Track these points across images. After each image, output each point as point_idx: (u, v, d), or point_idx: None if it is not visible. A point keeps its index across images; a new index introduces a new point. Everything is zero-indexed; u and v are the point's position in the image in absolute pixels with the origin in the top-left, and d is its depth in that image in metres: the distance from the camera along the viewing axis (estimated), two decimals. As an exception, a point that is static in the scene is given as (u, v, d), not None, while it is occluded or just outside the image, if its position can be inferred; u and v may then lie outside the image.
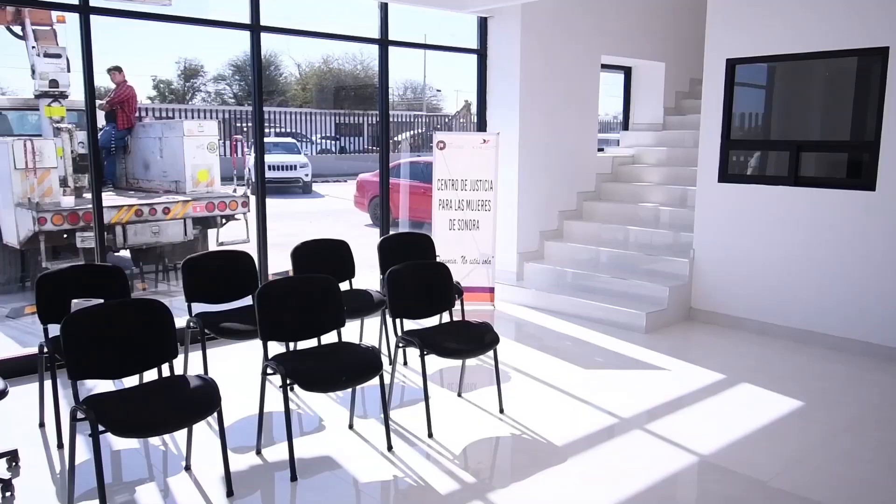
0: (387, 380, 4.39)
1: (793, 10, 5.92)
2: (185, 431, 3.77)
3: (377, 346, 5.43)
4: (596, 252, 7.51)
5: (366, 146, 25.90)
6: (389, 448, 3.98)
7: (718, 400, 4.78)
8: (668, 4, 9.04)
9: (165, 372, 3.56)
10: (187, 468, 3.72)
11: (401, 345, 4.37)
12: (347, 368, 3.77)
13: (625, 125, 9.76)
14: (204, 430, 4.13)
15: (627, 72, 9.58)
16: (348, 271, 5.39)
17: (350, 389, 4.31)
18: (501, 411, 4.53)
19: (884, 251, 5.58)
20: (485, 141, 6.98)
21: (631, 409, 4.60)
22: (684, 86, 9.56)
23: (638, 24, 8.64)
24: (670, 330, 6.45)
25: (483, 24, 7.62)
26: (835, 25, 5.70)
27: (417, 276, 4.49)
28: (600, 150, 8.92)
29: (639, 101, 9.61)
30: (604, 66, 8.54)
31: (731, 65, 6.35)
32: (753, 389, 4.96)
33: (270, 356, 3.79)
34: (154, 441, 4.06)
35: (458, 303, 5.35)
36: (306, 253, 5.20)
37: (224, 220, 8.69)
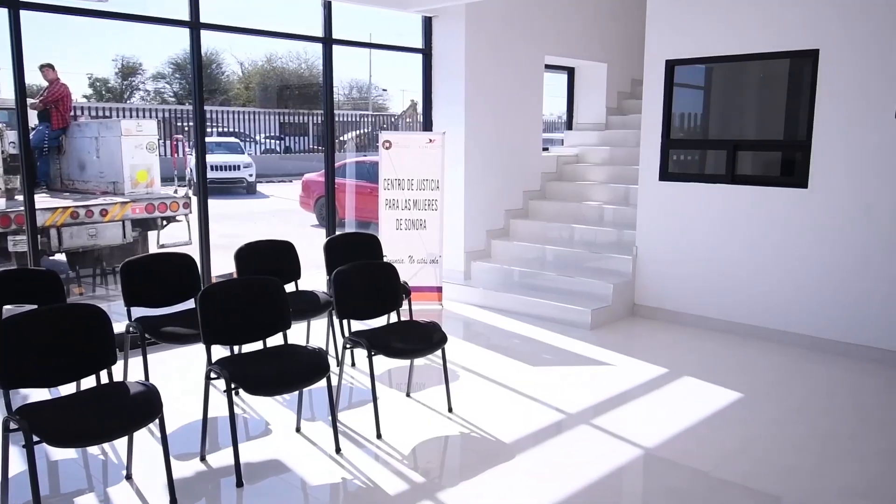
0: (334, 381, 4.35)
1: (729, 14, 6.09)
2: (125, 440, 3.67)
3: (324, 348, 5.39)
4: (542, 250, 7.60)
5: (311, 146, 25.62)
6: (337, 450, 3.94)
7: (662, 393, 4.89)
8: (609, 7, 9.20)
9: (104, 379, 3.45)
10: (128, 477, 3.62)
11: (348, 346, 4.34)
12: (293, 371, 3.72)
13: (569, 125, 9.90)
14: (146, 438, 4.02)
15: (571, 72, 9.71)
16: (294, 272, 5.31)
17: (297, 392, 4.25)
18: (450, 410, 4.53)
19: (817, 246, 5.79)
20: (431, 140, 6.98)
21: (578, 404, 4.67)
22: (626, 86, 9.74)
23: (580, 26, 8.76)
24: (615, 326, 6.57)
25: (428, 23, 7.62)
26: (769, 29, 5.88)
27: (364, 277, 4.46)
28: (545, 149, 9.03)
29: (582, 101, 9.75)
30: (547, 67, 8.64)
31: (671, 66, 6.50)
32: (695, 382, 5.09)
33: (214, 360, 3.71)
34: (93, 450, 3.93)
35: (405, 303, 5.35)
36: (250, 254, 5.11)
37: (165, 222, 8.48)
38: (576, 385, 5.05)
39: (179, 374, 5.12)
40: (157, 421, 3.25)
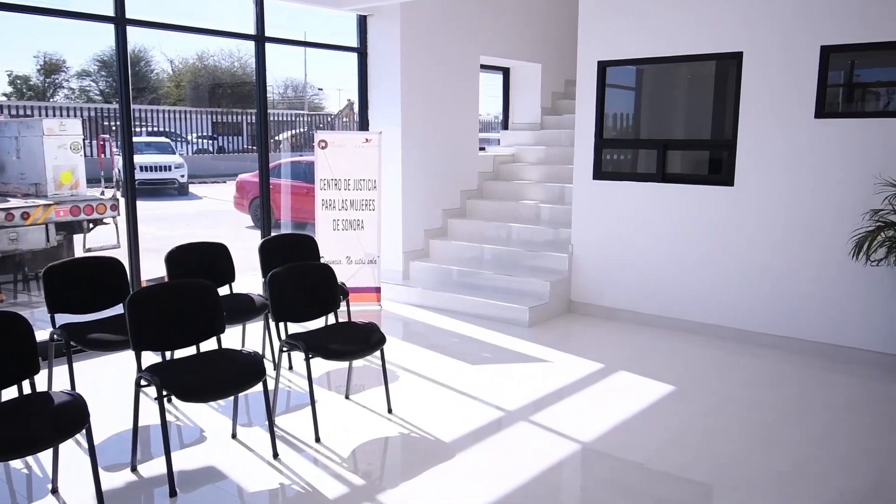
0: (271, 386, 4.28)
1: (658, 17, 6.25)
2: (50, 452, 3.52)
3: (260, 352, 5.30)
4: (480, 249, 7.64)
5: (245, 146, 25.12)
6: (275, 455, 3.88)
7: (598, 388, 4.98)
8: (543, 8, 9.32)
9: (27, 389, 3.30)
10: (54, 491, 3.47)
11: (285, 349, 4.27)
12: (228, 376, 3.64)
13: (504, 124, 9.99)
14: (73, 450, 3.87)
15: (506, 72, 9.80)
16: (227, 275, 5.20)
17: (232, 397, 4.16)
18: (390, 411, 4.51)
19: (744, 243, 5.99)
20: (367, 140, 6.94)
21: (516, 401, 4.71)
22: (560, 87, 9.89)
23: (515, 27, 8.85)
24: (552, 323, 6.66)
25: (363, 22, 7.57)
26: (696, 31, 6.06)
27: (300, 278, 4.39)
28: (482, 149, 9.08)
29: (517, 101, 9.85)
30: (483, 67, 8.69)
31: (602, 67, 6.63)
32: (630, 377, 5.20)
33: (144, 367, 3.59)
34: (15, 464, 3.76)
35: (343, 304, 5.30)
36: (182, 257, 4.98)
37: (91, 225, 8.18)
38: (514, 382, 5.09)
39: (109, 382, 4.94)
40: (83, 431, 3.13)
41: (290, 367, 5.32)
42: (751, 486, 3.61)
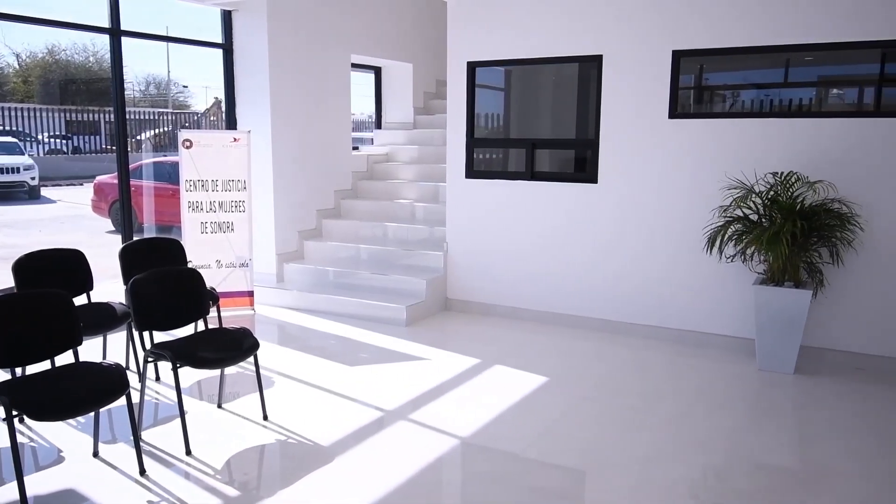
0: (136, 398, 4.06)
1: (524, 19, 6.44)
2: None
3: (123, 363, 5.01)
4: (356, 249, 7.58)
5: (104, 146, 23.65)
6: (142, 472, 3.67)
7: (475, 383, 5.07)
8: (413, 8, 9.37)
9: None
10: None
11: (150, 359, 4.05)
12: (86, 391, 3.41)
13: (377, 124, 9.97)
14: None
15: (378, 71, 9.78)
16: (84, 283, 4.87)
17: (92, 413, 3.90)
18: (265, 418, 4.39)
19: (608, 238, 6.29)
20: (235, 139, 6.71)
21: (395, 401, 4.71)
22: (431, 86, 9.99)
23: (386, 26, 8.85)
24: (429, 321, 6.71)
25: (227, 17, 7.31)
26: (559, 34, 6.29)
27: (165, 285, 4.18)
28: (355, 148, 9.02)
29: (390, 100, 9.86)
30: (355, 66, 8.63)
31: (472, 67, 6.75)
32: (506, 370, 5.33)
33: (-10, 386, 3.30)
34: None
35: (213, 310, 5.11)
36: (32, 266, 4.61)
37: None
38: (393, 382, 5.09)
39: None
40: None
41: (157, 379, 5.06)
42: (618, 467, 3.79)
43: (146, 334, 4.05)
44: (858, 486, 3.63)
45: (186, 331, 4.51)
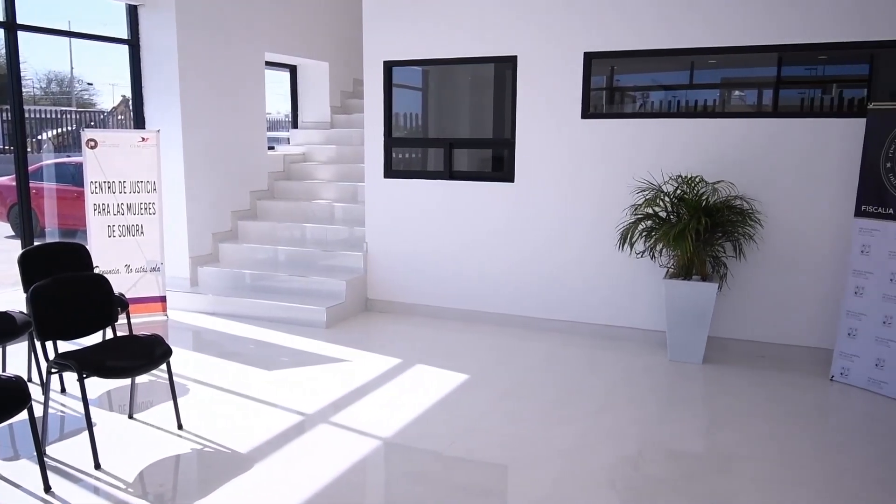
0: (39, 411, 3.86)
1: (440, 19, 6.46)
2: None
3: (24, 375, 4.76)
4: (273, 251, 7.44)
5: (1, 146, 22.36)
6: (47, 489, 3.49)
7: (397, 383, 5.05)
8: (329, 6, 9.26)
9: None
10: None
11: (55, 370, 3.86)
12: (-16, 406, 3.21)
13: (294, 123, 9.81)
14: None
15: (293, 70, 9.62)
16: (-20, 292, 4.59)
17: (-9, 430, 3.69)
18: (180, 427, 4.25)
19: (526, 236, 6.39)
20: (143, 139, 6.47)
21: (316, 404, 4.65)
22: (348, 85, 9.90)
23: (301, 24, 8.71)
24: (350, 322, 6.65)
25: (133, 12, 7.03)
26: (475, 34, 6.35)
27: (69, 291, 3.99)
28: (271, 148, 8.85)
29: (306, 99, 9.71)
30: (269, 64, 8.46)
31: (389, 67, 6.73)
32: (427, 369, 5.34)
33: None
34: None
35: (122, 316, 4.91)
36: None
37: None
38: (313, 385, 5.02)
39: None
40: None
41: (63, 391, 4.81)
42: (540, 461, 3.86)
43: (49, 344, 3.85)
44: (765, 467, 3.81)
45: (94, 339, 4.32)
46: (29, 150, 6.46)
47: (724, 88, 5.86)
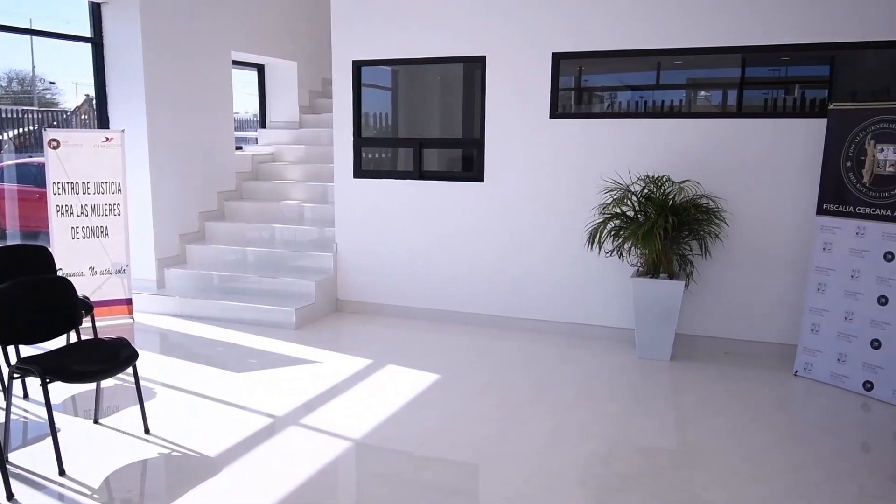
0: (1, 418, 3.77)
1: (409, 19, 6.45)
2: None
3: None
4: (242, 252, 7.37)
5: (-41, 146, 21.81)
6: (9, 497, 3.41)
7: (367, 384, 5.04)
8: (297, 5, 9.20)
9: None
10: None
11: (16, 375, 3.78)
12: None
13: (262, 123, 9.73)
14: None
15: (261, 69, 9.53)
16: (-61, 296, 4.47)
17: (-50, 437, 3.60)
18: (147, 431, 4.19)
19: (495, 235, 6.41)
20: (107, 139, 6.36)
21: (286, 406, 4.61)
22: (317, 85, 9.84)
23: (269, 23, 8.64)
24: (320, 323, 6.62)
25: (96, 9, 6.91)
26: (444, 34, 6.35)
27: (30, 295, 3.90)
28: (239, 148, 8.76)
29: (274, 99, 9.64)
30: (236, 63, 8.38)
31: (357, 66, 6.70)
32: (398, 370, 5.33)
33: None
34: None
35: (87, 320, 4.83)
36: None
37: None
38: (283, 387, 4.98)
39: None
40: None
41: (26, 396, 4.72)
42: (510, 460, 3.88)
43: (11, 349, 3.77)
44: (731, 461, 3.87)
45: (58, 343, 4.24)
46: (-12, 150, 6.31)
47: (689, 89, 5.94)
